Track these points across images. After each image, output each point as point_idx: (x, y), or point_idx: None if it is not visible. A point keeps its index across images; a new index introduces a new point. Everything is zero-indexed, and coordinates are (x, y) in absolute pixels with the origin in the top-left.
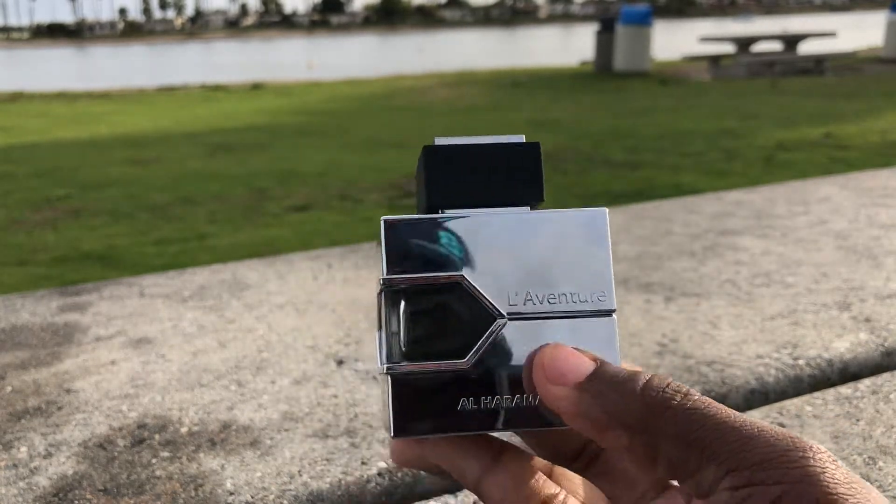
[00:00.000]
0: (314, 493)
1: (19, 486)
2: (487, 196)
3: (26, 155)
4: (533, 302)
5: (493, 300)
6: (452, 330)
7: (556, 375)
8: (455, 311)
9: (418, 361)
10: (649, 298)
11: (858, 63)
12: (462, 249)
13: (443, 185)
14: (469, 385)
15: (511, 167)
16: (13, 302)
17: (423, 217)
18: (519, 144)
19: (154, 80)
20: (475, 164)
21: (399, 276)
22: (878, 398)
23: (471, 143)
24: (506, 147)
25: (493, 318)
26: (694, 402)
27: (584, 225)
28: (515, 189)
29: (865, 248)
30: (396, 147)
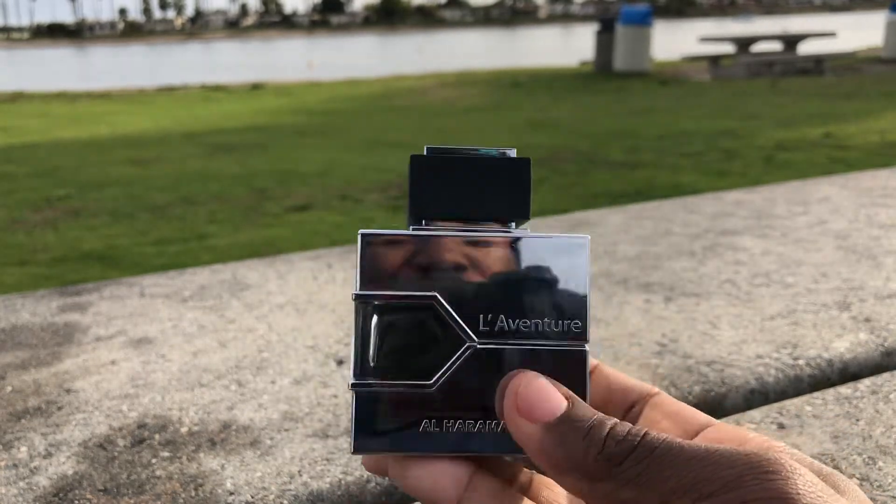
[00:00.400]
0: (314, 493)
1: (19, 486)
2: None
3: (26, 155)
4: (505, 327)
5: (465, 323)
6: (422, 350)
7: (526, 409)
8: (426, 331)
9: (385, 379)
10: (649, 298)
11: (858, 63)
12: (437, 269)
13: (428, 196)
14: (433, 407)
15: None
16: (13, 302)
17: (401, 233)
18: (508, 160)
19: (154, 80)
20: (463, 176)
21: (372, 293)
22: (878, 398)
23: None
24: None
25: (462, 341)
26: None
27: (564, 252)
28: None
29: (865, 248)
30: (396, 147)
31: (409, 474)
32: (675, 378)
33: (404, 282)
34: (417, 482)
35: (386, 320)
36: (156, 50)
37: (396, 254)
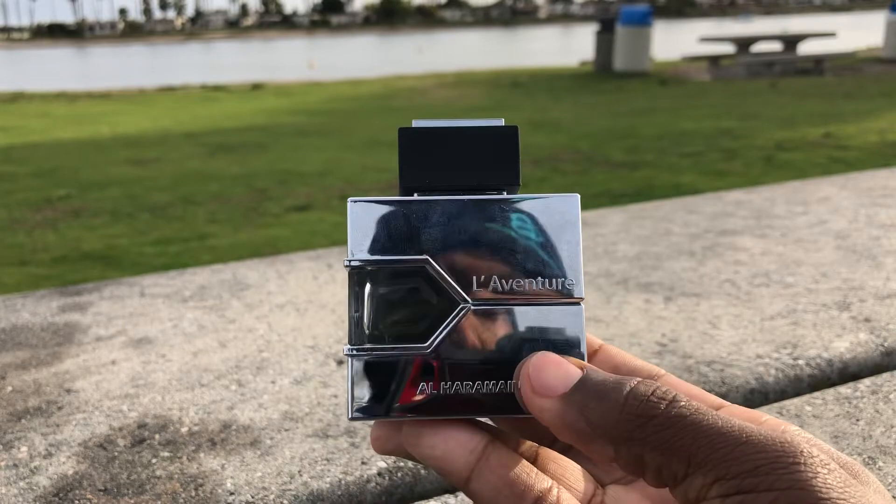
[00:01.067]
0: (314, 493)
1: (20, 486)
2: (462, 179)
3: (27, 155)
4: (499, 287)
5: (458, 285)
6: (417, 314)
7: (542, 387)
8: (420, 295)
9: (381, 344)
10: (649, 298)
11: (858, 63)
12: (429, 233)
13: (417, 167)
14: (431, 370)
15: (487, 150)
16: (13, 302)
17: (390, 199)
18: (496, 128)
19: (154, 80)
20: (451, 146)
21: (363, 259)
22: (878, 398)
23: (447, 126)
24: (482, 130)
25: (456, 303)
26: (679, 409)
27: (555, 211)
28: (491, 173)
29: (865, 248)
30: (396, 147)
31: (423, 442)
32: None
33: (396, 247)
34: (431, 450)
35: (379, 286)
36: (156, 50)
37: (387, 220)
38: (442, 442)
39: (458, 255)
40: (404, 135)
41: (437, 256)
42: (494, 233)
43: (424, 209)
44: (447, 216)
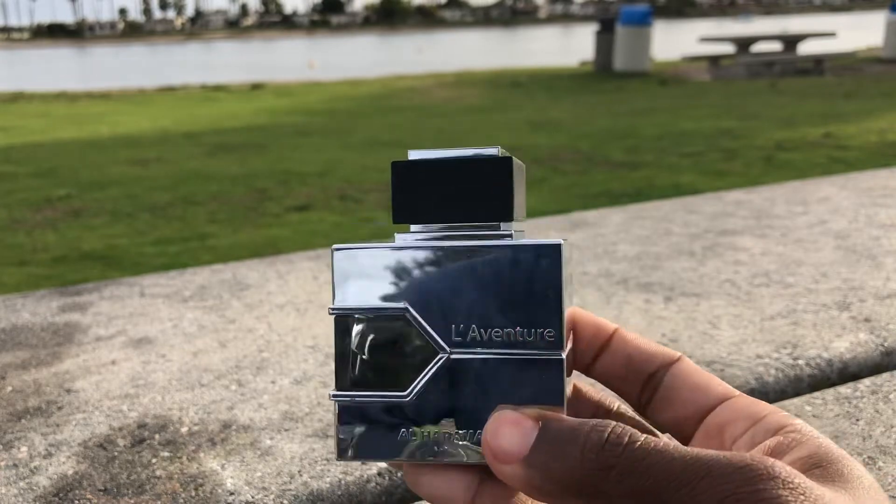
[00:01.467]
0: (314, 493)
1: (20, 486)
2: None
3: (27, 155)
4: (477, 338)
5: (437, 334)
6: (398, 361)
7: (501, 454)
8: (401, 342)
9: (363, 390)
10: (649, 298)
11: (858, 63)
12: (410, 280)
13: (408, 201)
14: (410, 416)
15: (479, 183)
16: (13, 302)
17: (373, 245)
18: (488, 160)
19: (154, 80)
20: (442, 179)
21: (346, 307)
22: (878, 398)
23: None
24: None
25: (435, 352)
26: (636, 452)
27: (537, 259)
28: (482, 206)
29: (865, 248)
30: (396, 147)
31: (423, 482)
32: None
33: (377, 294)
34: (430, 489)
35: (362, 333)
36: (156, 50)
37: (369, 267)
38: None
39: (436, 303)
40: (397, 168)
41: (416, 304)
42: (475, 281)
43: (406, 256)
44: (428, 263)
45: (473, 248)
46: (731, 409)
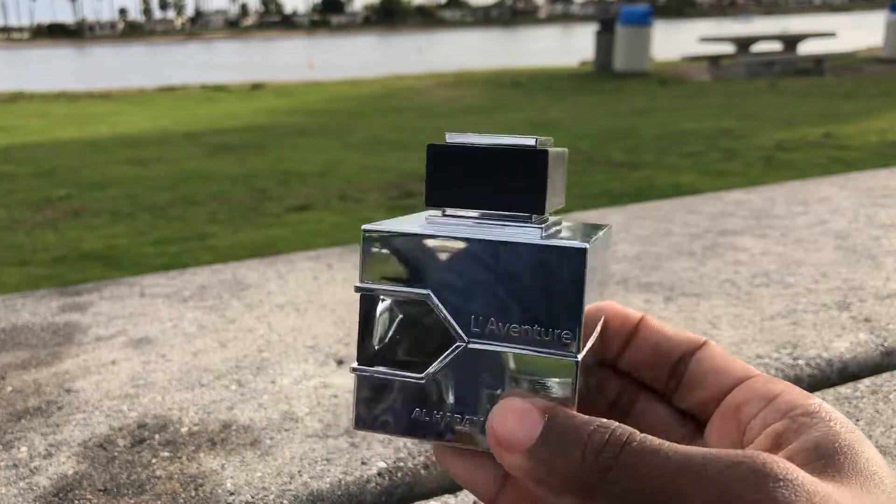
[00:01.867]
0: (314, 493)
1: (19, 486)
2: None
3: (27, 155)
4: (495, 330)
5: (456, 323)
6: (417, 343)
7: (506, 441)
8: (421, 326)
9: (382, 367)
10: (649, 298)
11: (858, 63)
12: (435, 268)
13: (441, 185)
14: (424, 397)
15: (513, 174)
16: (13, 302)
17: (402, 231)
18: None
19: (154, 80)
20: (478, 166)
21: (371, 286)
22: (878, 398)
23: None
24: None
25: (453, 339)
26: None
27: (561, 259)
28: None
29: (865, 248)
30: (396, 147)
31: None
32: None
33: (403, 277)
34: (457, 474)
35: (385, 313)
36: (156, 50)
37: (397, 251)
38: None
39: (459, 292)
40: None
41: (438, 291)
42: (499, 275)
43: (433, 244)
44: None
45: (500, 242)
46: (748, 390)
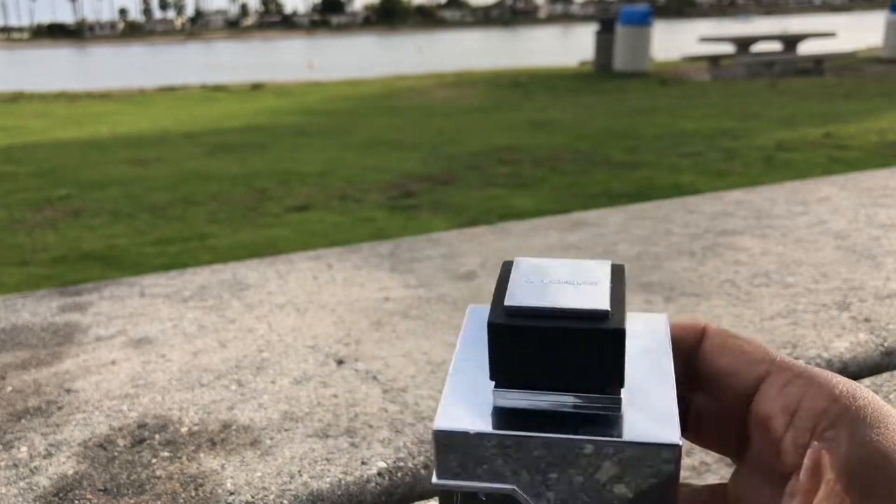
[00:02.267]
0: (314, 493)
1: (19, 486)
2: (556, 381)
3: (27, 155)
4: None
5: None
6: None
7: None
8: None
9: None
10: (649, 298)
11: (858, 63)
12: (515, 461)
13: (507, 365)
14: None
15: (587, 353)
16: (13, 302)
17: (475, 431)
18: (599, 332)
19: (154, 80)
20: (544, 345)
21: (449, 483)
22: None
23: (541, 324)
24: (582, 332)
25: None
26: None
27: (650, 459)
28: (590, 378)
29: (865, 248)
30: (396, 147)
31: None
32: None
33: (481, 472)
34: None
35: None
36: (156, 50)
37: (472, 447)
38: None
39: (543, 488)
40: (495, 331)
41: (522, 486)
42: (583, 467)
43: (511, 441)
44: (534, 448)
45: (583, 440)
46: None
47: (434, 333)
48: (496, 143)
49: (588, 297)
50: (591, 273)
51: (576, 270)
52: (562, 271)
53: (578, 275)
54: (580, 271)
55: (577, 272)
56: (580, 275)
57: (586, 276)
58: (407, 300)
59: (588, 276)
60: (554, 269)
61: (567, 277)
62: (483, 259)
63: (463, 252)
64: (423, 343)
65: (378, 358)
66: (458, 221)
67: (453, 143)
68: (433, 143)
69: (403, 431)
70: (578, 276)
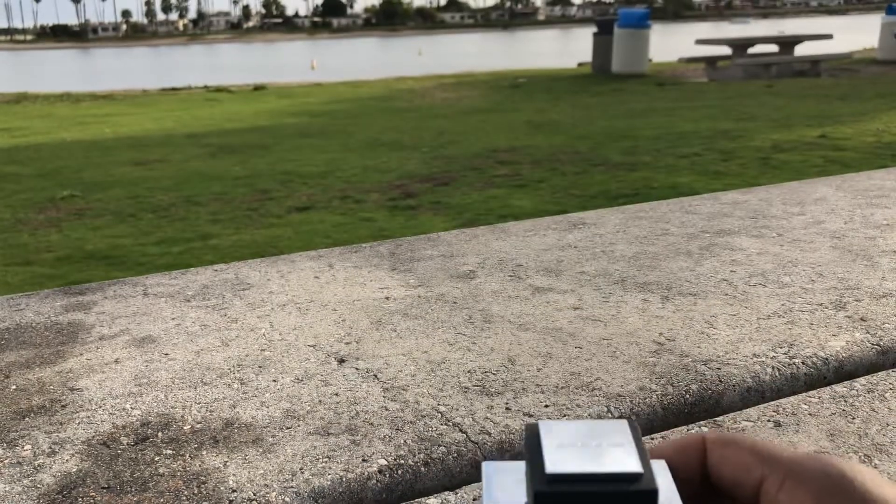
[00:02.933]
0: (316, 490)
1: (24, 484)
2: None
3: (31, 156)
4: None
5: None
6: None
7: None
8: None
9: None
10: (647, 298)
11: (854, 65)
12: None
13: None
14: None
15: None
16: (18, 301)
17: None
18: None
19: (157, 81)
20: None
21: None
22: (874, 396)
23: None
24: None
25: None
26: None
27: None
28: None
29: (861, 248)
30: (397, 148)
31: None
32: (672, 377)
33: None
34: None
35: None
36: (159, 52)
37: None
38: None
39: None
40: (540, 499)
41: None
42: None
43: None
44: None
45: None
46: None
47: (434, 332)
48: (496, 144)
49: (619, 460)
50: (614, 434)
51: (599, 432)
52: (587, 434)
53: (603, 437)
54: (603, 433)
55: (601, 434)
56: (604, 436)
57: (610, 438)
58: (407, 299)
59: (612, 438)
60: (580, 433)
61: (594, 440)
62: (483, 259)
63: (463, 252)
64: (424, 342)
65: (379, 357)
66: (458, 221)
67: (453, 143)
68: (433, 144)
69: (404, 429)
70: (604, 439)
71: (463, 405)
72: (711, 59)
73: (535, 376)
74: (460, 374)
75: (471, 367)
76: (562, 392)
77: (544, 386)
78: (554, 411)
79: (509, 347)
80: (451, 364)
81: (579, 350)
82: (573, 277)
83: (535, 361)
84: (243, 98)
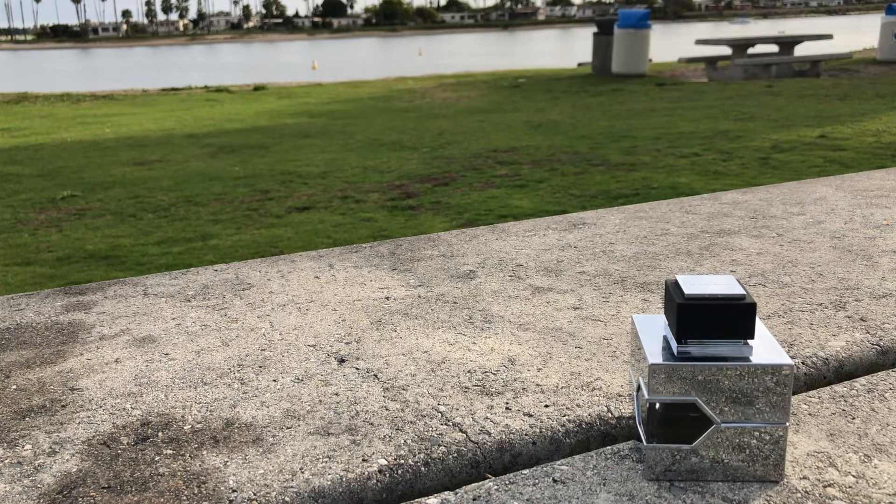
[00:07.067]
0: (316, 490)
1: (24, 484)
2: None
3: (31, 156)
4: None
5: (714, 413)
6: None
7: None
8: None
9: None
10: (647, 298)
11: (853, 65)
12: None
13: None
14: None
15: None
16: (18, 301)
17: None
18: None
19: (157, 81)
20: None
21: (655, 398)
22: (874, 396)
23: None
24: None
25: (711, 423)
26: None
27: (773, 373)
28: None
29: (860, 248)
30: (397, 148)
31: None
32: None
33: (673, 390)
34: None
35: (664, 410)
36: (159, 52)
37: (670, 373)
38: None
39: (714, 394)
40: (680, 307)
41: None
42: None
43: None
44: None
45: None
46: None
47: (434, 332)
48: (495, 145)
49: (729, 288)
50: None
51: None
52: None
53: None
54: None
55: (717, 281)
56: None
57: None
58: (407, 299)
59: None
60: (704, 280)
61: (712, 281)
62: (482, 259)
63: (463, 252)
64: (424, 342)
65: (379, 356)
66: (458, 222)
67: (453, 144)
68: (433, 144)
69: (404, 429)
70: (717, 280)
71: (463, 405)
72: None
73: (535, 376)
74: (460, 374)
75: (471, 367)
76: (562, 392)
77: (544, 386)
78: (554, 411)
79: (509, 347)
80: (451, 364)
81: (579, 350)
82: (573, 277)
83: (535, 361)
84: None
